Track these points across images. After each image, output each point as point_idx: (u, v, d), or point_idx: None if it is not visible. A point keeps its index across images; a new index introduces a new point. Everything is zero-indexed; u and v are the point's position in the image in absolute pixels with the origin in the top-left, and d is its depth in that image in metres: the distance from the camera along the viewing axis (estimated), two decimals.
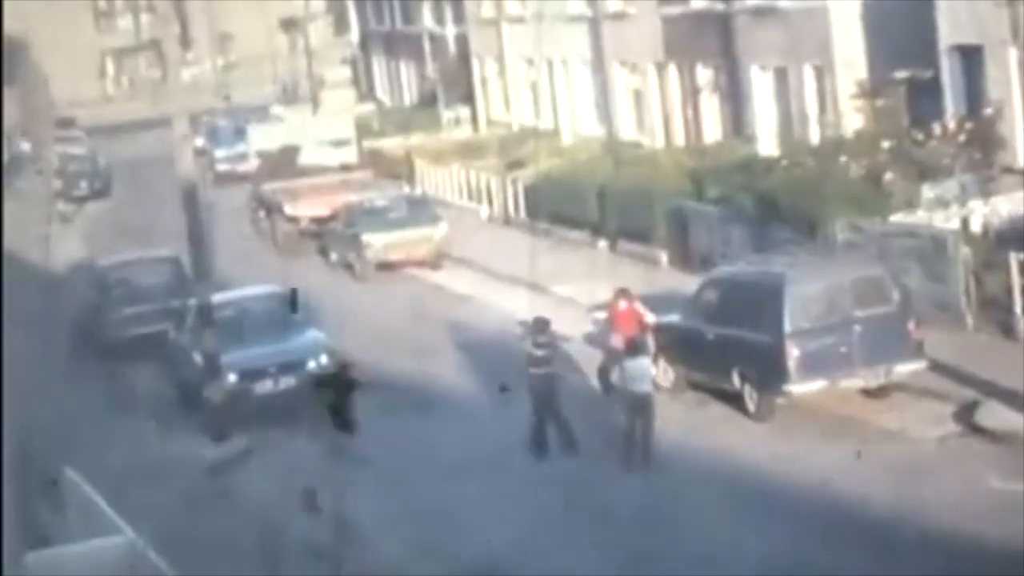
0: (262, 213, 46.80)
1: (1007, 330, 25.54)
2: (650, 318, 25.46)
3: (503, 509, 21.75)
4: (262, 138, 50.96)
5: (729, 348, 24.18)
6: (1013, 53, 30.15)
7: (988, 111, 30.78)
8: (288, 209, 44.26)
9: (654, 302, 26.99)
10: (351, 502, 22.29)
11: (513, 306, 33.57)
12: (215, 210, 46.12)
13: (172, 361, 29.40)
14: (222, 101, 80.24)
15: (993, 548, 18.01)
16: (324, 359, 27.33)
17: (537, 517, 21.24)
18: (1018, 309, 25.48)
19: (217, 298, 28.05)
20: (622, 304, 25.49)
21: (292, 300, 28.24)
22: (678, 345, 25.27)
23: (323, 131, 50.15)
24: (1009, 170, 30.21)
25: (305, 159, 47.90)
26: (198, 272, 28.17)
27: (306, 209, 43.83)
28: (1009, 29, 29.76)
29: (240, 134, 56.41)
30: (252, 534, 21.56)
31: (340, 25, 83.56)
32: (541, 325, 23.66)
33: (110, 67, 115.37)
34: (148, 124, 71.25)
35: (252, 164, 50.48)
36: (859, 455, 21.40)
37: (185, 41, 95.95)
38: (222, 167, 60.69)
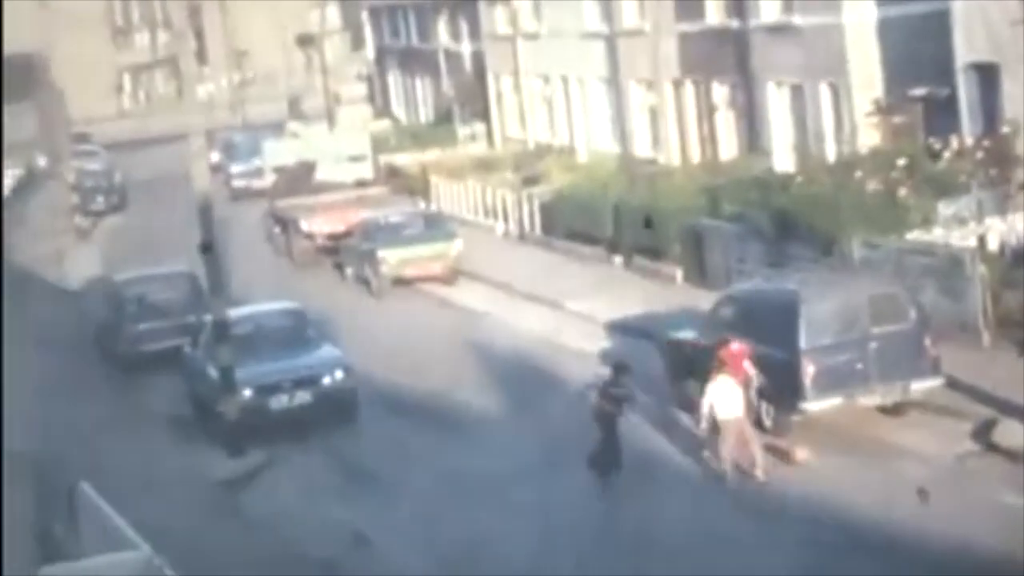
0: (278, 229, 46.86)
1: None
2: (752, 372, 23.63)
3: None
4: (278, 154, 51.01)
5: None
6: None
7: (1005, 129, 30.74)
8: (304, 225, 44.33)
9: (669, 319, 26.95)
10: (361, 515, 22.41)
11: (528, 322, 33.62)
12: (231, 225, 46.22)
13: (188, 376, 29.44)
14: (238, 118, 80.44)
15: (1010, 567, 17.92)
16: (339, 374, 27.39)
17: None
18: None
19: (233, 314, 28.08)
20: (734, 346, 23.60)
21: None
22: (694, 362, 25.19)
23: (339, 147, 50.20)
24: None
25: (321, 175, 48.00)
26: (214, 288, 28.20)
27: (322, 225, 43.89)
28: None
29: (256, 150, 56.44)
30: (264, 548, 21.62)
31: (356, 41, 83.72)
32: (622, 368, 23.54)
33: (127, 83, 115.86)
34: (164, 139, 71.49)
35: (268, 180, 50.52)
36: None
37: (201, 57, 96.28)
38: (238, 183, 60.81)
